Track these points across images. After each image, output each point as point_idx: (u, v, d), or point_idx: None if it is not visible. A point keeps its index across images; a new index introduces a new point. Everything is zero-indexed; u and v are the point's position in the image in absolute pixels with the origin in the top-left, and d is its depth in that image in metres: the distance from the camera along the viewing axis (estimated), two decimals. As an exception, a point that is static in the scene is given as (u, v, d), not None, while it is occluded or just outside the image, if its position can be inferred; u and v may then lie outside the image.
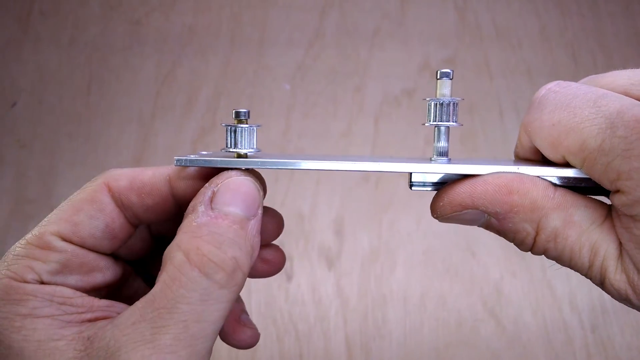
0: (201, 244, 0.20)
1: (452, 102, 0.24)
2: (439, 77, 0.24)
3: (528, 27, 0.71)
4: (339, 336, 0.58)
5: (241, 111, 0.25)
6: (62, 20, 0.73)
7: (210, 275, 0.20)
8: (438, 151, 0.25)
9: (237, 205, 0.22)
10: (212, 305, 0.20)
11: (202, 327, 0.19)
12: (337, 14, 0.72)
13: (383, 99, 0.67)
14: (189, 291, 0.20)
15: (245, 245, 0.21)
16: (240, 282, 0.21)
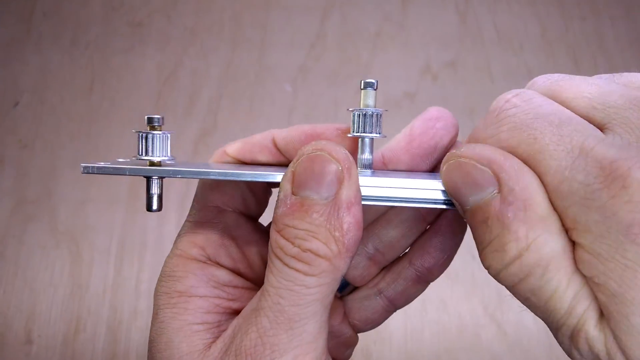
0: (278, 239, 0.20)
1: (375, 113, 0.23)
2: (363, 87, 0.23)
3: (529, 30, 0.71)
4: (339, 339, 0.58)
5: (154, 117, 0.23)
6: (64, 20, 0.74)
7: (292, 265, 0.20)
8: (362, 163, 0.24)
9: (312, 188, 0.20)
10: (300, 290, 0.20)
11: (298, 311, 0.20)
12: (339, 16, 0.72)
13: (384, 102, 0.67)
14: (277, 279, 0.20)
15: (324, 234, 0.20)
16: (327, 268, 0.20)
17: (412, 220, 0.26)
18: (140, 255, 0.62)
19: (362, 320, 0.27)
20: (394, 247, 0.26)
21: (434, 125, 0.24)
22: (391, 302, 0.27)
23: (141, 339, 0.59)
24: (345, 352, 0.28)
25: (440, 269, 0.27)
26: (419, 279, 0.27)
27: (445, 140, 0.24)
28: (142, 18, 0.73)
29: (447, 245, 0.26)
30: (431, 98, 0.67)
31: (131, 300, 0.60)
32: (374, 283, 0.27)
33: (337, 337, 0.27)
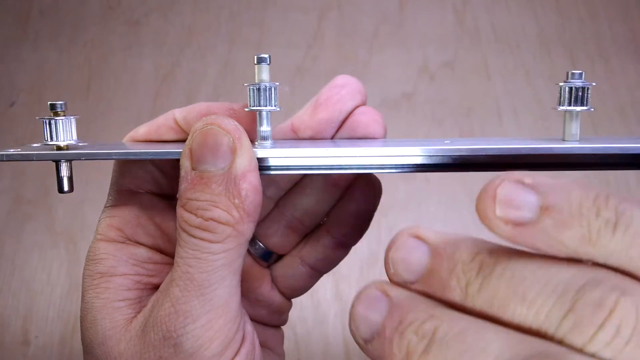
0: (182, 213, 0.22)
1: (269, 87, 0.24)
2: (257, 62, 0.24)
3: (526, 30, 0.71)
4: (337, 340, 0.58)
5: (57, 103, 0.25)
6: (61, 19, 0.73)
7: (197, 235, 0.21)
8: (261, 136, 0.25)
9: (208, 161, 0.21)
10: (207, 257, 0.21)
11: (207, 277, 0.21)
12: (336, 16, 0.72)
13: (382, 101, 0.68)
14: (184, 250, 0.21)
15: (225, 203, 0.21)
16: (231, 233, 0.21)
17: (324, 188, 0.27)
18: (138, 255, 0.62)
19: (289, 287, 0.29)
20: (310, 214, 0.27)
21: (338, 92, 0.26)
22: (314, 269, 0.28)
23: (139, 339, 0.59)
24: (280, 318, 0.30)
25: (357, 235, 0.28)
26: (337, 245, 0.28)
27: (349, 105, 0.26)
28: (139, 17, 0.73)
29: (360, 211, 0.27)
30: (428, 97, 0.67)
31: (129, 300, 0.60)
32: (296, 251, 0.28)
33: (269, 304, 0.28)
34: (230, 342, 0.22)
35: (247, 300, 0.28)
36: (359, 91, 0.26)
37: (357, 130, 0.26)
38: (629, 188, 0.63)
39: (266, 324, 0.29)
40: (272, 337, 0.30)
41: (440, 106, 0.67)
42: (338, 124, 0.26)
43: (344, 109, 0.26)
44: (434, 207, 0.63)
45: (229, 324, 0.22)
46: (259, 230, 0.27)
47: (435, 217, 0.62)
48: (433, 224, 0.62)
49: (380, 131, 0.26)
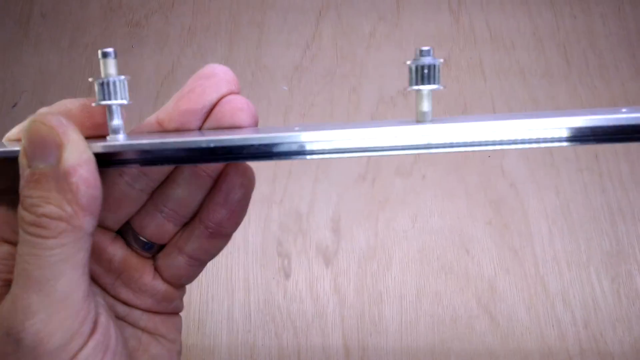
0: (20, 211, 0.22)
1: (116, 80, 0.24)
2: (102, 57, 0.24)
3: (521, 28, 0.72)
4: (336, 332, 0.59)
5: None
6: (62, 22, 0.74)
7: (31, 232, 0.21)
8: (112, 129, 0.24)
9: (38, 158, 0.21)
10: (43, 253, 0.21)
11: (43, 273, 0.21)
12: (334, 16, 0.73)
13: (379, 99, 0.68)
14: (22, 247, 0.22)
15: (56, 198, 0.21)
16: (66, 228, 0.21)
17: (193, 178, 0.27)
18: (140, 253, 0.63)
19: (172, 276, 0.29)
20: (183, 204, 0.27)
21: (203, 83, 0.25)
22: (192, 258, 0.28)
23: (142, 334, 0.59)
24: (170, 306, 0.29)
25: (232, 223, 0.28)
26: (211, 234, 0.28)
27: (214, 96, 0.25)
28: (140, 19, 0.74)
29: (230, 200, 0.27)
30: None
31: (131, 297, 0.61)
32: (174, 241, 0.28)
33: (153, 293, 0.28)
34: (75, 335, 0.22)
35: (131, 290, 0.28)
36: (226, 81, 0.26)
37: (223, 120, 0.25)
38: (622, 181, 0.64)
39: (156, 311, 0.29)
40: (163, 324, 0.29)
41: (436, 104, 0.68)
42: (203, 115, 0.25)
43: (208, 100, 0.25)
44: (430, 202, 0.64)
45: (71, 317, 0.22)
46: (136, 223, 0.28)
47: (431, 211, 0.63)
48: (429, 218, 0.63)
49: (246, 119, 0.26)
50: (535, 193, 0.64)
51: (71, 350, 0.22)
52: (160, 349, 0.29)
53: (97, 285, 0.27)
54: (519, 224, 0.62)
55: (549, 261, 0.61)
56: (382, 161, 0.66)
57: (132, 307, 0.28)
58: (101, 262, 0.27)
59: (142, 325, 0.28)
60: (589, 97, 0.68)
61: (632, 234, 0.62)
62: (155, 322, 0.29)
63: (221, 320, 0.60)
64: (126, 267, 0.28)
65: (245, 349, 0.58)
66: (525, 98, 0.68)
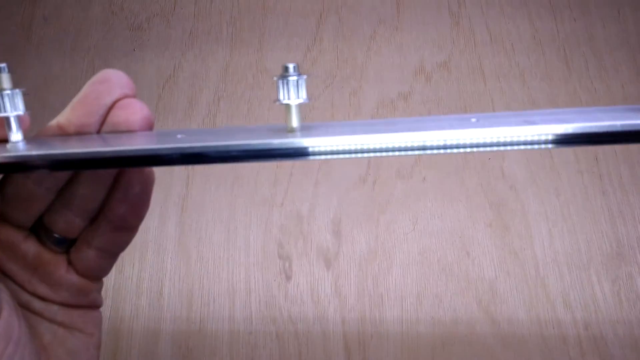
0: None
1: (12, 93, 0.25)
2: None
3: (521, 31, 0.72)
4: (337, 335, 0.59)
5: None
6: (64, 25, 0.75)
7: None
8: (10, 139, 0.26)
9: None
10: None
11: None
12: (334, 19, 0.73)
13: (379, 102, 0.69)
14: None
15: None
16: None
17: (94, 176, 0.28)
18: (141, 255, 0.63)
19: (84, 269, 0.30)
20: (88, 201, 0.29)
21: (96, 88, 0.26)
22: (101, 251, 0.30)
23: (143, 337, 0.60)
24: (87, 299, 0.31)
25: (135, 217, 0.29)
26: (115, 228, 0.29)
27: (108, 100, 0.26)
28: (142, 22, 0.74)
29: (129, 195, 0.29)
30: (425, 98, 0.69)
31: (132, 299, 0.61)
32: (83, 235, 0.30)
33: (69, 286, 0.30)
34: None
35: (46, 285, 0.29)
36: (119, 85, 0.27)
37: (118, 123, 0.27)
38: (622, 183, 0.64)
39: (74, 305, 0.30)
40: (80, 318, 0.30)
41: (436, 106, 0.68)
42: (100, 119, 0.27)
43: (102, 104, 0.26)
44: (431, 204, 0.64)
45: None
46: (47, 219, 0.29)
47: (432, 213, 0.63)
48: (430, 220, 0.63)
49: (140, 122, 0.27)
50: (536, 195, 0.64)
51: None
52: (77, 342, 0.30)
53: (14, 282, 0.29)
54: (520, 226, 0.62)
55: (549, 263, 0.61)
56: (383, 164, 0.66)
57: (49, 302, 0.30)
58: (16, 259, 0.29)
59: (58, 320, 0.30)
60: (589, 99, 0.68)
61: (633, 235, 0.62)
62: (72, 316, 0.30)
63: (222, 323, 0.60)
64: (40, 263, 0.29)
65: (246, 351, 0.58)
66: (525, 101, 0.68)
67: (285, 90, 0.25)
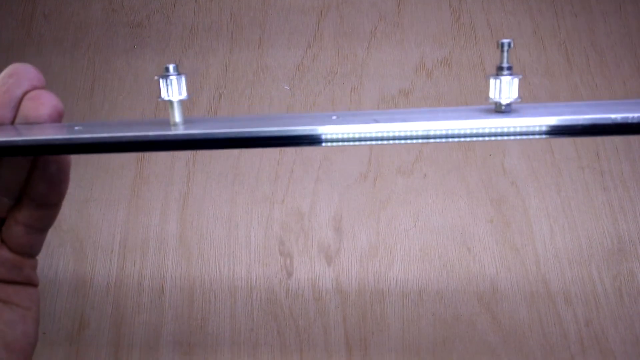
0: None
1: None
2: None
3: (522, 27, 0.72)
4: (338, 331, 0.59)
5: None
6: (64, 22, 0.75)
7: None
8: None
9: None
10: None
11: None
12: (335, 16, 0.73)
13: (380, 99, 0.69)
14: None
15: None
16: None
17: (12, 160, 0.31)
18: (143, 253, 0.63)
19: (15, 245, 0.32)
20: (11, 182, 0.31)
21: (7, 82, 0.29)
22: (29, 227, 0.32)
23: (144, 334, 0.60)
24: (21, 274, 0.33)
25: (52, 194, 0.32)
26: (38, 205, 0.32)
27: (18, 92, 0.29)
28: (142, 19, 0.74)
29: (47, 174, 0.31)
30: (426, 94, 0.68)
31: (134, 296, 0.61)
32: (10, 214, 0.32)
33: (2, 262, 0.32)
34: None
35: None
36: (27, 78, 0.29)
37: (29, 114, 0.29)
38: (623, 179, 0.64)
39: (9, 281, 0.33)
40: (16, 294, 0.33)
41: (437, 102, 0.68)
42: (12, 110, 0.29)
43: (12, 97, 0.29)
44: (432, 200, 0.64)
45: None
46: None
47: (432, 210, 0.63)
48: (431, 216, 0.63)
49: (48, 112, 0.29)
50: (537, 191, 0.64)
51: None
52: (13, 315, 0.32)
53: None
54: (521, 222, 0.62)
55: (550, 259, 0.61)
56: (384, 160, 0.66)
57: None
58: None
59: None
60: (590, 95, 0.68)
61: (634, 232, 0.62)
62: (8, 292, 0.33)
63: (224, 319, 0.60)
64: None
65: (247, 347, 0.59)
66: (526, 96, 0.68)
67: (168, 88, 0.28)
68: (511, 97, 0.27)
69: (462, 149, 0.66)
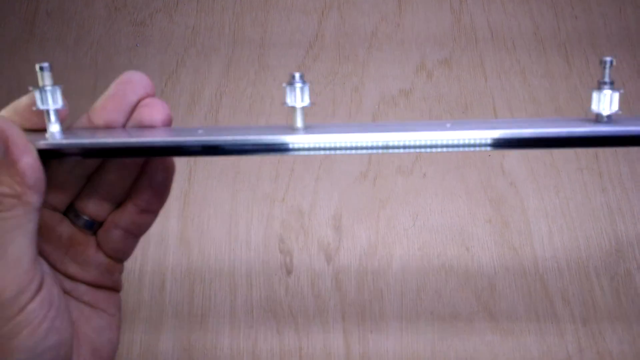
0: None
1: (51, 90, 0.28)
2: (39, 70, 0.29)
3: (522, 28, 0.72)
4: (337, 329, 0.59)
5: None
6: (67, 21, 0.75)
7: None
8: (50, 130, 0.29)
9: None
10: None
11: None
12: (336, 16, 0.74)
13: (380, 99, 0.69)
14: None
15: (7, 180, 0.27)
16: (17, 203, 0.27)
17: (122, 166, 0.32)
18: (144, 249, 0.63)
19: (111, 249, 0.34)
20: (115, 187, 0.33)
21: (123, 88, 0.31)
22: (127, 232, 0.33)
23: (145, 329, 0.60)
24: (111, 278, 0.34)
25: (157, 202, 0.34)
26: (141, 211, 0.33)
27: (133, 98, 0.31)
28: (145, 18, 0.75)
29: (153, 182, 0.33)
30: (426, 95, 0.69)
31: (135, 292, 0.61)
32: (110, 218, 0.33)
33: (97, 265, 0.33)
34: (24, 290, 0.27)
35: (77, 264, 0.33)
36: (142, 85, 0.31)
37: (143, 119, 0.31)
38: (621, 181, 0.65)
39: (100, 285, 0.34)
40: (104, 300, 0.34)
41: (437, 103, 0.68)
42: (127, 114, 0.31)
43: (129, 102, 0.31)
44: (431, 200, 0.64)
45: (21, 276, 0.27)
46: (78, 204, 0.33)
47: (432, 209, 0.64)
48: (430, 216, 0.63)
49: (162, 119, 0.31)
50: (535, 192, 0.64)
51: (21, 303, 0.27)
52: (101, 321, 0.34)
53: (47, 262, 0.32)
54: (519, 222, 0.63)
55: (548, 259, 0.61)
56: (384, 160, 0.66)
57: (78, 281, 0.33)
58: (51, 240, 0.32)
59: (85, 300, 0.33)
60: (590, 97, 0.68)
61: (632, 233, 0.62)
62: (97, 297, 0.34)
63: (223, 317, 0.60)
64: (73, 243, 0.33)
65: (247, 345, 0.59)
66: (525, 98, 0.68)
67: (292, 95, 0.30)
68: (612, 110, 0.30)
69: (461, 149, 0.66)
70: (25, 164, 0.27)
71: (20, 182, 0.26)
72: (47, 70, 0.29)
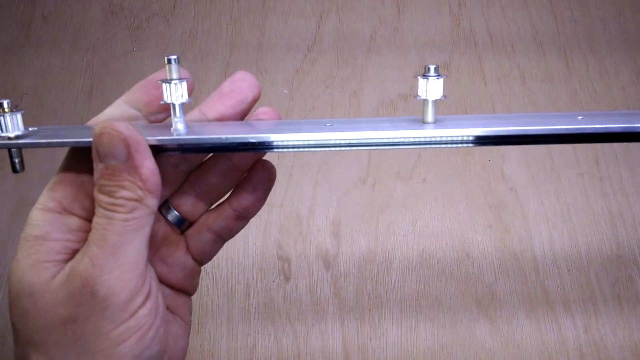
0: (98, 195, 0.27)
1: (179, 83, 0.28)
2: (167, 62, 0.28)
3: (521, 32, 0.72)
4: (336, 336, 0.59)
5: (3, 102, 0.29)
6: (63, 24, 0.75)
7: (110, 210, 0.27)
8: (174, 123, 0.29)
9: (109, 156, 0.27)
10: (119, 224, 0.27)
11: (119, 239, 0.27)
12: (335, 20, 0.73)
13: (379, 103, 0.69)
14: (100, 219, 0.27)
15: (129, 185, 0.27)
16: (137, 206, 0.27)
17: (227, 169, 0.33)
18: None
19: (198, 251, 0.34)
20: (215, 189, 0.33)
21: (240, 85, 0.32)
22: (218, 236, 0.34)
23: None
24: (192, 283, 0.35)
25: (254, 209, 0.34)
26: (237, 217, 0.33)
27: (250, 96, 0.32)
28: (141, 22, 0.74)
29: (257, 189, 0.33)
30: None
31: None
32: (203, 219, 0.34)
33: (184, 268, 0.33)
34: (137, 294, 0.27)
35: (165, 264, 0.33)
36: (255, 85, 0.32)
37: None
38: (622, 186, 0.64)
39: (180, 289, 0.34)
40: (182, 305, 0.34)
41: (437, 107, 0.68)
42: (241, 112, 0.32)
43: (246, 99, 0.32)
44: (430, 205, 0.64)
45: (136, 278, 0.27)
46: (173, 199, 0.33)
47: (431, 215, 0.63)
48: (429, 221, 0.63)
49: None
50: (536, 197, 0.64)
51: (132, 307, 0.27)
52: (178, 329, 0.33)
53: None
54: (520, 228, 0.62)
55: (549, 265, 0.61)
56: (383, 165, 0.66)
57: (164, 283, 0.33)
58: None
59: (168, 303, 0.32)
60: (589, 101, 0.68)
61: (633, 238, 0.62)
62: (177, 303, 0.34)
63: (221, 324, 0.60)
64: (165, 242, 0.33)
65: (244, 352, 0.58)
66: (525, 102, 0.68)
67: (424, 88, 0.29)
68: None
69: (461, 154, 0.66)
70: (147, 170, 0.27)
71: (142, 187, 0.27)
72: (174, 63, 0.28)
